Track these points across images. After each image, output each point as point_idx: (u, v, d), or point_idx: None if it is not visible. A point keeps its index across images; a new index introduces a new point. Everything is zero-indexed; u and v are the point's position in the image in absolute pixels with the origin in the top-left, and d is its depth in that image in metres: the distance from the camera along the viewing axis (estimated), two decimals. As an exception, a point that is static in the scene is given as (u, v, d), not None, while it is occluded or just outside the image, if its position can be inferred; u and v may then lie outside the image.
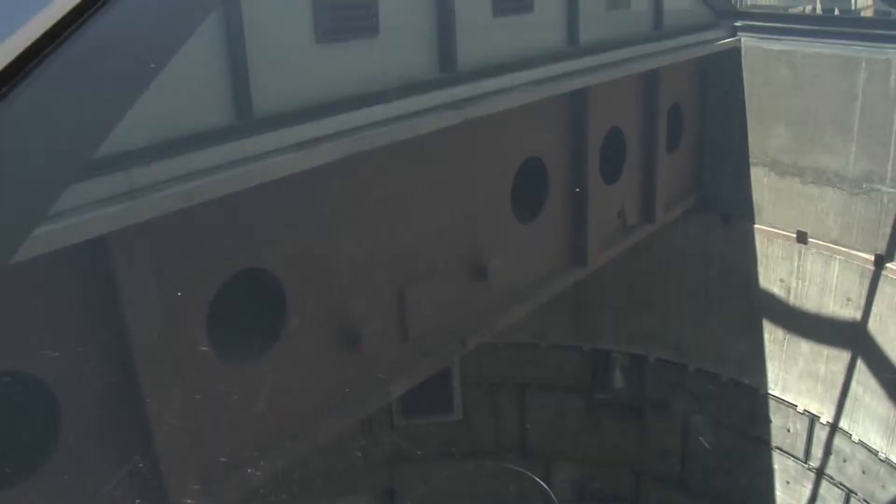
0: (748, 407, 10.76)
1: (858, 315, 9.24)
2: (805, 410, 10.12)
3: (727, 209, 10.25)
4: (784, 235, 9.79)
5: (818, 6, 11.61)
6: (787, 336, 10.15)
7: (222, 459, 5.48)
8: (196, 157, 4.64)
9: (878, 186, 8.79)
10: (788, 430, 10.31)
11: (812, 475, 10.16)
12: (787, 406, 10.31)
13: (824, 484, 10.02)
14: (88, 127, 1.79)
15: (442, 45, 6.22)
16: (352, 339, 6.31)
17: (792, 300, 9.96)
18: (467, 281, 7.41)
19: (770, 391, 10.53)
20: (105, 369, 4.68)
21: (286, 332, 5.78)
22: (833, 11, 10.86)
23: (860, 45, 8.73)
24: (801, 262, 9.72)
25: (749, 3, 11.37)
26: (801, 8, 11.79)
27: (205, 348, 5.31)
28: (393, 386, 6.90)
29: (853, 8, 10.97)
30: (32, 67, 1.61)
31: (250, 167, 4.90)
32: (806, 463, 10.18)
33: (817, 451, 10.01)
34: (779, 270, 9.99)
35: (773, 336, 10.34)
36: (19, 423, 4.41)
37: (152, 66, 1.91)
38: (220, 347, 5.37)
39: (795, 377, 10.23)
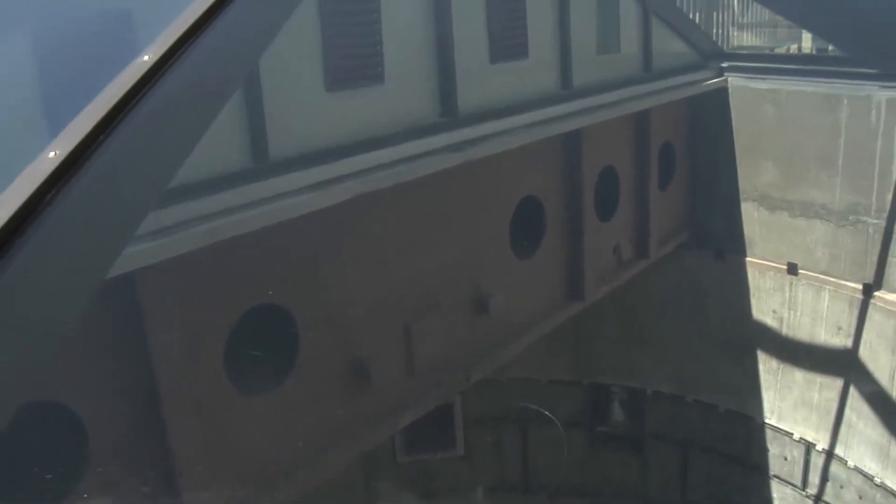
0: (745, 436, 10.97)
1: (849, 343, 9.50)
2: (801, 438, 10.34)
3: (719, 244, 10.55)
4: (775, 268, 10.08)
5: (804, 46, 12.01)
6: (782, 365, 10.40)
7: (238, 489, 5.71)
8: (218, 198, 4.95)
9: (864, 218, 9.10)
10: (786, 459, 10.52)
11: (810, 502, 10.35)
12: (784, 434, 10.53)
13: (822, 510, 10.22)
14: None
15: (443, 91, 6.55)
16: (361, 373, 6.58)
17: (785, 330, 10.22)
18: (470, 316, 7.68)
19: (766, 420, 10.75)
20: (131, 400, 4.94)
21: (298, 366, 6.04)
22: (826, 50, 11.27)
23: (841, 83, 9.09)
24: (793, 293, 10.00)
25: (735, 44, 11.75)
26: (785, 48, 12.19)
27: (223, 380, 5.58)
28: (400, 418, 7.14)
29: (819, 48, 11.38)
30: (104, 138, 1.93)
31: (266, 208, 5.20)
32: (803, 490, 10.38)
33: (814, 479, 10.21)
34: (771, 302, 10.27)
35: (767, 366, 10.59)
36: (50, 451, 4.65)
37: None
38: (236, 380, 5.64)
39: (791, 406, 10.46)
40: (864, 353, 9.40)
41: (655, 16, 9.17)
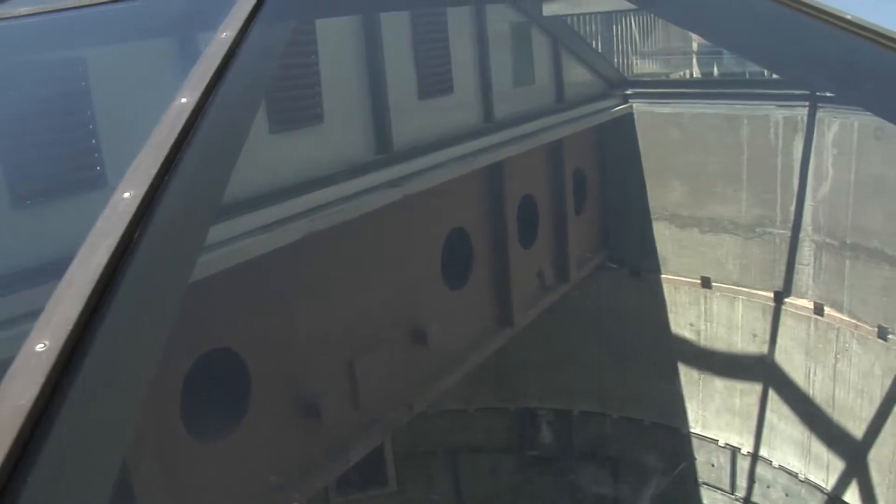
0: (673, 447, 11.32)
1: (765, 349, 9.96)
2: (726, 444, 10.74)
3: (634, 263, 10.94)
4: (689, 282, 10.51)
5: (695, 71, 12.64)
6: (702, 375, 10.80)
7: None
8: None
9: (770, 229, 9.61)
10: (713, 465, 10.90)
11: (739, 505, 10.75)
12: (709, 442, 10.92)
13: (751, 512, 10.62)
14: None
15: (377, 128, 6.72)
16: (311, 410, 6.62)
17: (703, 342, 10.64)
18: (409, 348, 7.80)
19: (692, 429, 11.13)
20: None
21: (252, 408, 6.06)
22: (712, 73, 11.87)
23: (741, 104, 9.61)
24: (708, 306, 10.43)
25: (636, 71, 12.27)
26: (681, 73, 12.80)
27: (179, 427, 5.56)
28: (351, 453, 7.19)
29: (723, 71, 12.03)
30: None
31: (216, 253, 5.24)
32: (732, 494, 10.76)
33: (742, 482, 10.61)
34: (688, 315, 10.69)
35: (688, 377, 10.98)
36: None
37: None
38: (191, 426, 5.62)
39: (714, 413, 10.86)
40: (779, 356, 9.87)
41: (564, 48, 9.55)
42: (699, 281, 10.40)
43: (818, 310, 9.29)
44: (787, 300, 9.62)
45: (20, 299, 3.90)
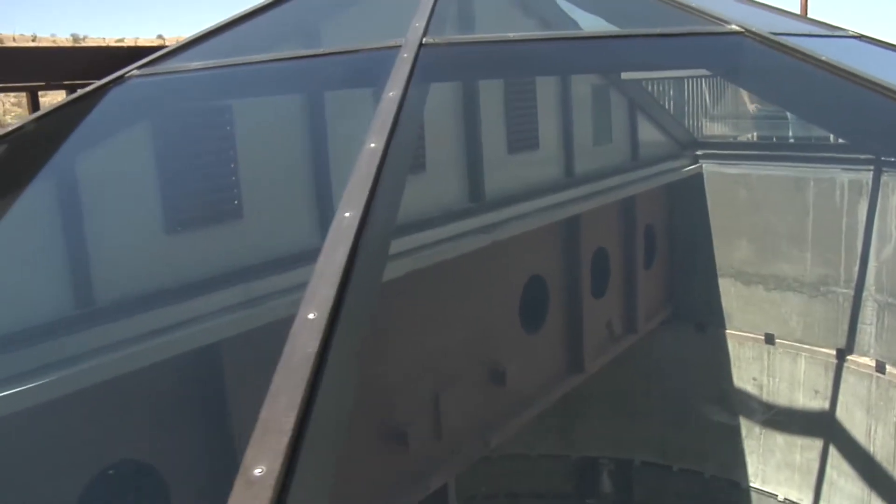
0: (732, 500, 11.56)
1: (827, 405, 10.24)
2: (785, 499, 10.96)
3: (700, 318, 11.33)
4: (753, 338, 10.86)
5: (763, 134, 13.16)
6: (763, 430, 11.08)
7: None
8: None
9: (834, 288, 9.97)
10: (773, 519, 11.13)
11: (798, 560, 10.94)
12: (769, 496, 11.15)
13: (810, 566, 10.79)
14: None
15: (471, 180, 7.32)
16: (399, 438, 7.15)
17: (765, 396, 10.95)
18: (488, 386, 8.31)
19: (751, 484, 11.37)
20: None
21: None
22: (779, 137, 12.38)
23: (807, 167, 10.06)
24: (771, 361, 10.76)
25: (706, 132, 12.79)
26: (749, 135, 13.31)
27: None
28: (431, 480, 7.69)
29: (790, 135, 12.51)
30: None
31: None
32: (792, 548, 10.97)
33: (801, 536, 10.82)
34: (751, 370, 11.02)
35: (749, 431, 11.26)
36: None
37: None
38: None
39: (774, 468, 11.11)
40: (840, 413, 10.14)
41: (640, 109, 10.13)
42: (763, 337, 10.75)
43: (880, 368, 9.58)
44: (849, 358, 9.92)
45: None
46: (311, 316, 2.08)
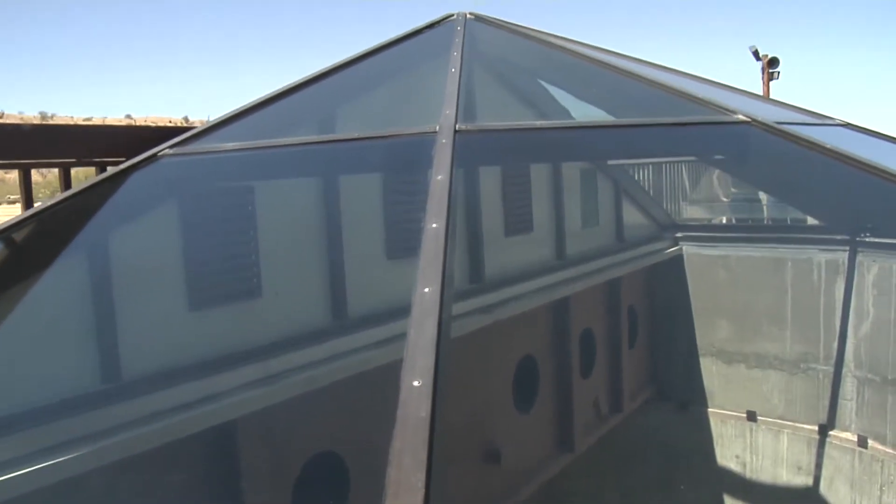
0: (717, 579, 11.58)
1: (810, 481, 10.38)
2: (771, 577, 11.02)
3: (682, 396, 11.50)
4: (735, 416, 11.04)
5: (741, 216, 13.58)
6: (747, 507, 11.18)
7: None
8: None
9: (814, 365, 10.21)
10: None
11: None
12: (755, 575, 11.19)
13: None
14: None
15: (472, 260, 7.51)
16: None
17: (748, 474, 11.07)
18: (483, 465, 8.36)
19: (736, 562, 11.41)
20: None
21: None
22: (757, 219, 12.79)
23: (784, 247, 10.39)
24: (753, 438, 10.92)
25: (685, 215, 13.18)
26: (727, 217, 13.72)
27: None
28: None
29: (765, 217, 12.95)
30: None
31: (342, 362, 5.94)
32: None
33: None
34: (734, 447, 11.16)
35: (734, 509, 11.35)
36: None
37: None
38: None
39: (759, 546, 11.18)
40: (824, 488, 10.29)
41: (624, 193, 10.46)
42: (745, 414, 10.92)
43: (862, 442, 9.78)
44: (831, 433, 10.11)
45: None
46: (416, 384, 2.22)
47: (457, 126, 4.13)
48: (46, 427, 4.32)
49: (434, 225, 3.07)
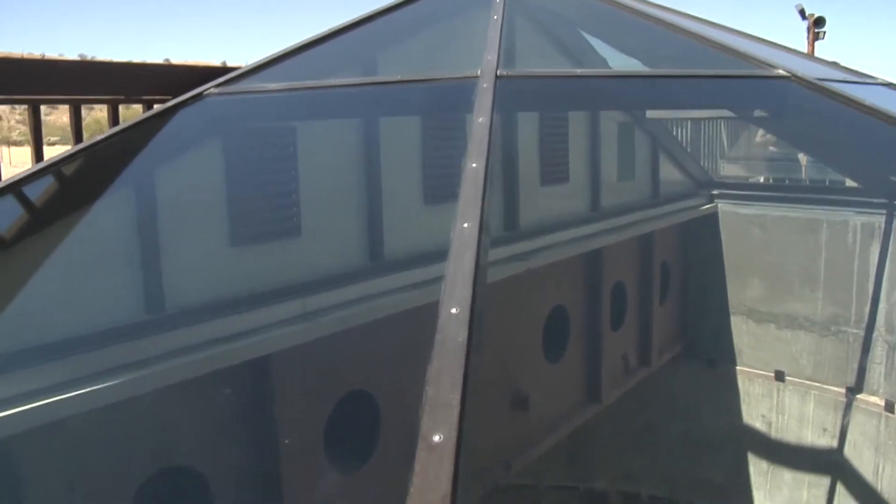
0: (737, 536, 11.73)
1: (835, 443, 10.44)
2: (792, 535, 11.14)
3: (711, 354, 11.56)
4: (763, 375, 11.09)
5: (778, 176, 13.52)
6: (771, 467, 11.26)
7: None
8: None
9: (844, 328, 10.22)
10: (778, 555, 11.28)
11: None
12: (774, 532, 11.32)
13: None
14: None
15: (507, 207, 7.58)
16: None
17: (773, 434, 11.15)
18: (511, 413, 8.50)
19: (758, 519, 11.54)
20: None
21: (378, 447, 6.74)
22: (794, 179, 12.73)
23: (821, 209, 10.35)
24: (780, 399, 10.98)
25: (722, 173, 13.15)
26: (764, 177, 13.68)
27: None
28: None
29: (803, 177, 12.88)
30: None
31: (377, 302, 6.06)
32: (796, 584, 11.12)
33: (806, 572, 10.98)
34: (760, 407, 11.23)
35: (757, 468, 11.44)
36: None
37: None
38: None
39: (780, 505, 11.29)
40: (848, 451, 10.34)
41: (661, 148, 10.44)
42: (773, 374, 10.97)
43: (889, 407, 9.81)
44: (858, 396, 10.14)
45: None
46: (454, 311, 2.33)
47: (498, 71, 4.18)
48: (93, 354, 4.48)
49: (474, 164, 3.15)
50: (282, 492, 5.58)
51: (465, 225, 2.75)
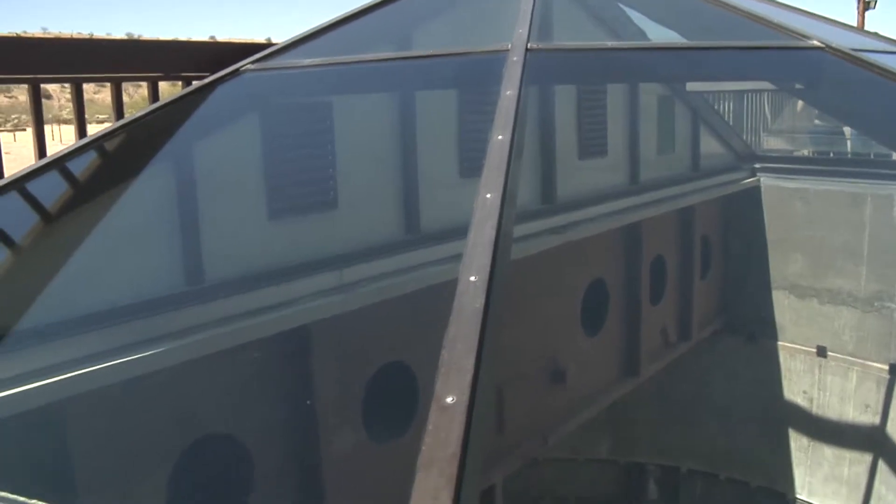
0: (778, 511, 11.69)
1: (877, 420, 10.35)
2: (832, 511, 11.09)
3: (752, 329, 11.49)
4: (805, 351, 11.00)
5: (822, 149, 13.35)
6: (812, 443, 11.20)
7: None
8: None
9: (888, 304, 10.10)
10: (819, 531, 11.24)
11: (842, 573, 11.04)
12: (815, 508, 11.27)
13: (854, 579, 10.90)
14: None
15: (544, 180, 7.61)
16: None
17: (815, 410, 11.07)
18: (548, 386, 8.56)
19: (798, 495, 11.48)
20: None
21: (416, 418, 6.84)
22: (838, 152, 12.57)
23: (865, 182, 10.21)
24: (822, 375, 10.89)
25: (765, 146, 13.02)
26: (808, 150, 13.52)
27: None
28: (492, 474, 7.95)
29: (848, 151, 12.70)
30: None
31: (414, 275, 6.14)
32: (837, 560, 11.08)
33: (846, 549, 10.93)
34: (801, 383, 11.15)
35: (798, 444, 11.38)
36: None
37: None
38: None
39: (821, 481, 11.21)
40: (891, 428, 10.26)
41: (702, 121, 10.37)
42: (815, 350, 10.88)
43: (933, 383, 9.73)
44: (902, 373, 10.05)
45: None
46: (472, 279, 2.39)
47: (528, 45, 4.21)
48: (136, 323, 4.62)
49: (500, 137, 3.19)
50: (320, 461, 5.70)
51: (488, 195, 2.80)
